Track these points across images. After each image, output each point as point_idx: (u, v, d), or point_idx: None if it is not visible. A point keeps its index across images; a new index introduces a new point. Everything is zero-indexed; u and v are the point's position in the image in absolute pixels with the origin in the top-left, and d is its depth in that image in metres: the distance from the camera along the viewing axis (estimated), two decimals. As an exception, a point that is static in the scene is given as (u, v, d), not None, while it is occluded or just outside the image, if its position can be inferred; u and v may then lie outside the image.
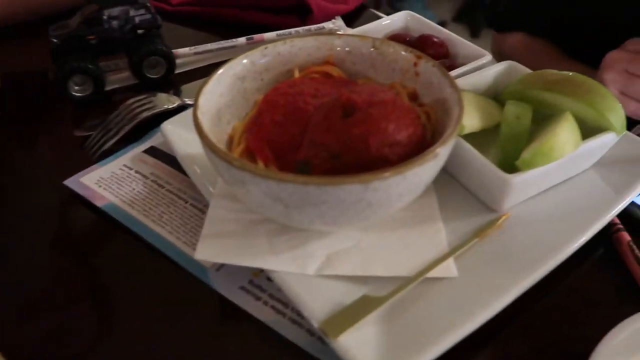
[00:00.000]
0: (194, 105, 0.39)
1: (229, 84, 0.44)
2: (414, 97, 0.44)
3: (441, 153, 0.34)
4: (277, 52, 0.46)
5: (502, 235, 0.42)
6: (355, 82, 0.46)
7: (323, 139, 0.36)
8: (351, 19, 0.77)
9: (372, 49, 0.46)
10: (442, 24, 2.52)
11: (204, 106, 0.40)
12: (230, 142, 0.43)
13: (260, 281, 0.42)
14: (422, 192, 0.38)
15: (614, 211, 0.42)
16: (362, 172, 0.33)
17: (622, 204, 0.42)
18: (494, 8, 0.82)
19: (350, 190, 0.33)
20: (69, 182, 0.50)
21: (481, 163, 0.41)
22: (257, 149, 0.40)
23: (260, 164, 0.39)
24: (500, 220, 0.42)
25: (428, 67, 0.43)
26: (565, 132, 0.40)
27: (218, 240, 0.40)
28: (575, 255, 0.40)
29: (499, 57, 0.82)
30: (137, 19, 0.61)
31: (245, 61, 0.45)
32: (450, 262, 0.39)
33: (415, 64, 0.44)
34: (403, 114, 0.36)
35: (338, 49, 0.47)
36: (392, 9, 2.63)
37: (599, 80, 0.55)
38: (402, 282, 0.38)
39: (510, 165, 0.41)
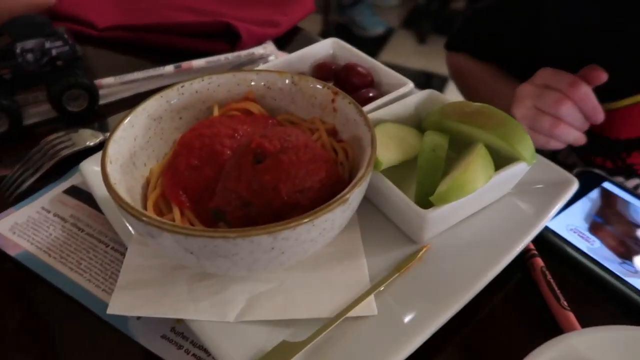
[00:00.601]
0: (102, 155, 0.38)
1: (144, 126, 0.43)
2: (333, 132, 0.44)
3: (351, 198, 0.35)
4: (194, 90, 0.45)
5: (423, 267, 0.42)
6: (275, 120, 0.46)
7: (235, 187, 0.36)
8: (284, 42, 0.77)
9: (291, 85, 0.46)
10: (390, 30, 2.59)
11: (114, 154, 0.38)
12: (147, 184, 0.42)
13: (182, 328, 0.41)
14: (339, 232, 0.38)
15: (528, 238, 0.44)
16: (274, 220, 0.33)
17: (535, 230, 0.44)
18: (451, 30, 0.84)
19: (259, 241, 0.32)
20: (-20, 230, 0.48)
21: (399, 198, 0.41)
22: (171, 195, 0.39)
23: (176, 211, 0.39)
24: (421, 253, 0.43)
25: (344, 103, 0.43)
26: (477, 166, 0.41)
27: (134, 291, 0.39)
28: (494, 281, 0.41)
29: (452, 75, 0.84)
30: (54, 51, 0.58)
31: (160, 101, 0.44)
32: (370, 300, 0.39)
33: (332, 100, 0.44)
34: (314, 158, 0.36)
35: (257, 84, 0.47)
36: (341, 15, 2.65)
37: (512, 114, 0.58)
38: (323, 324, 0.38)
39: (427, 198, 0.42)
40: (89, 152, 0.53)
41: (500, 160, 0.44)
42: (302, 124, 0.46)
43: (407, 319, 0.38)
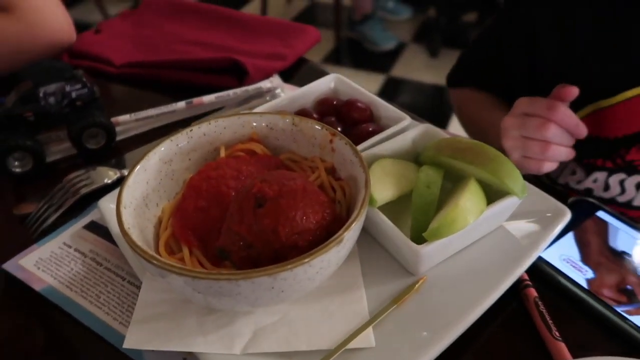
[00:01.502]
0: (117, 200, 0.41)
1: (156, 169, 0.46)
2: (332, 171, 0.47)
3: (345, 238, 0.37)
4: (202, 132, 0.49)
5: (420, 298, 0.44)
6: (278, 159, 0.49)
7: (237, 229, 0.39)
8: (290, 74, 0.80)
9: (292, 126, 0.49)
10: (402, 45, 2.62)
11: (127, 199, 0.42)
12: (159, 223, 0.45)
13: (194, 358, 0.44)
14: (336, 269, 0.41)
15: (521, 268, 0.45)
16: (275, 260, 0.36)
17: (529, 261, 0.46)
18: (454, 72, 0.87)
19: (260, 282, 0.35)
20: (7, 266, 0.51)
21: (394, 234, 0.44)
22: (180, 236, 0.42)
23: (185, 250, 0.42)
24: (418, 285, 0.45)
25: (342, 144, 0.46)
26: (468, 202, 0.43)
27: (148, 325, 0.42)
28: (489, 310, 0.43)
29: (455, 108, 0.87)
30: (73, 94, 0.62)
31: (170, 145, 0.47)
32: (369, 332, 0.42)
33: (330, 141, 0.47)
34: (312, 201, 0.39)
35: (261, 126, 0.50)
36: (352, 31, 2.69)
37: (503, 146, 0.60)
38: (323, 356, 0.40)
39: (422, 233, 0.44)
40: (107, 189, 0.56)
41: (493, 194, 0.46)
42: (303, 162, 0.49)
43: (403, 350, 0.41)
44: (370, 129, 0.56)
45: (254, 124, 0.50)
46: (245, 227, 0.38)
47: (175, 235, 0.43)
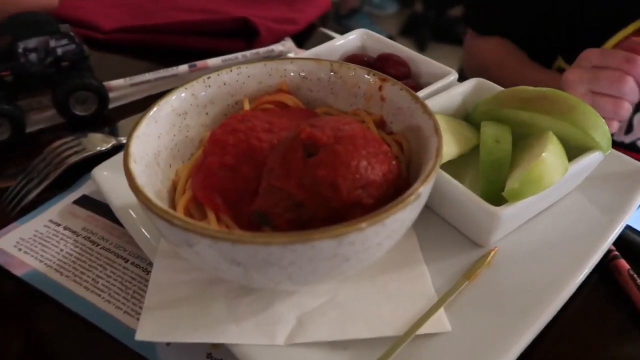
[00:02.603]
0: (125, 153, 0.32)
1: (168, 122, 0.37)
2: (381, 125, 0.39)
3: (423, 192, 0.29)
4: (222, 81, 0.40)
5: (493, 274, 0.37)
6: (315, 112, 0.41)
7: (283, 185, 0.30)
8: (302, 40, 0.72)
9: (330, 74, 0.41)
10: (390, 38, 2.57)
11: (137, 152, 0.33)
12: (173, 188, 0.37)
13: (221, 354, 0.35)
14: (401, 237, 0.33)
15: (610, 238, 0.38)
16: (332, 222, 0.28)
17: (617, 229, 0.39)
18: (474, 11, 0.81)
19: (321, 247, 0.27)
20: (-19, 248, 0.42)
21: (465, 196, 0.36)
22: (205, 199, 0.34)
23: (211, 216, 0.33)
24: (489, 257, 0.37)
25: (395, 90, 0.38)
26: (552, 156, 0.36)
27: (165, 312, 0.33)
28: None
29: (470, 63, 0.81)
30: (59, 51, 0.53)
31: (185, 94, 0.38)
32: (441, 315, 0.34)
33: (380, 88, 0.39)
34: (375, 149, 0.31)
35: (292, 74, 0.42)
36: (339, 26, 2.63)
37: None
38: (391, 344, 0.32)
39: (494, 195, 0.37)
40: (99, 158, 0.47)
41: (570, 151, 0.39)
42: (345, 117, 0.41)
43: (486, 336, 0.33)
44: (412, 85, 0.48)
45: (284, 71, 0.41)
46: (294, 181, 0.30)
47: (198, 198, 0.34)
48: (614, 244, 0.40)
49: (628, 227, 0.41)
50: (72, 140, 0.51)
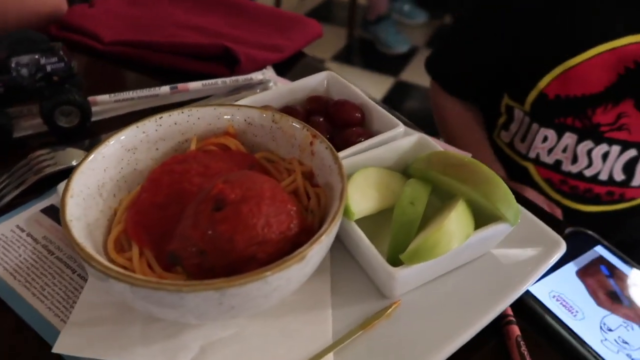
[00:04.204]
0: (65, 187, 0.37)
1: (116, 157, 0.42)
2: (310, 176, 0.43)
3: (309, 255, 0.33)
4: (172, 121, 0.45)
5: (391, 325, 0.40)
6: (253, 157, 0.45)
7: (190, 234, 0.34)
8: (286, 68, 0.76)
9: (272, 123, 0.45)
10: (414, 49, 2.57)
11: (77, 187, 0.38)
12: (114, 216, 0.41)
13: (135, 369, 0.40)
14: (298, 287, 0.36)
15: (507, 301, 0.41)
16: (230, 271, 0.32)
17: (515, 294, 0.42)
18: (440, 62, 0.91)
19: (205, 296, 0.31)
20: (-49, 246, 0.47)
21: (369, 252, 0.40)
22: (132, 233, 0.38)
23: (135, 250, 0.38)
24: (390, 310, 0.41)
25: (322, 148, 0.42)
26: (453, 225, 0.39)
27: (85, 329, 0.38)
28: (465, 346, 0.39)
29: (436, 114, 0.88)
30: (48, 67, 0.58)
31: (136, 132, 0.43)
32: (329, 358, 0.37)
33: (311, 143, 0.43)
34: (278, 210, 0.35)
35: (238, 119, 0.46)
36: (365, 32, 2.65)
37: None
38: (276, 382, 0.36)
39: (401, 253, 0.40)
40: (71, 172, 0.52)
41: (483, 218, 0.42)
42: (280, 163, 0.45)
43: (365, 382, 0.36)
44: (359, 134, 0.51)
45: (231, 116, 0.45)
46: (199, 232, 0.34)
47: (127, 231, 0.38)
48: (514, 307, 0.43)
49: (528, 293, 0.44)
50: (49, 152, 0.56)
